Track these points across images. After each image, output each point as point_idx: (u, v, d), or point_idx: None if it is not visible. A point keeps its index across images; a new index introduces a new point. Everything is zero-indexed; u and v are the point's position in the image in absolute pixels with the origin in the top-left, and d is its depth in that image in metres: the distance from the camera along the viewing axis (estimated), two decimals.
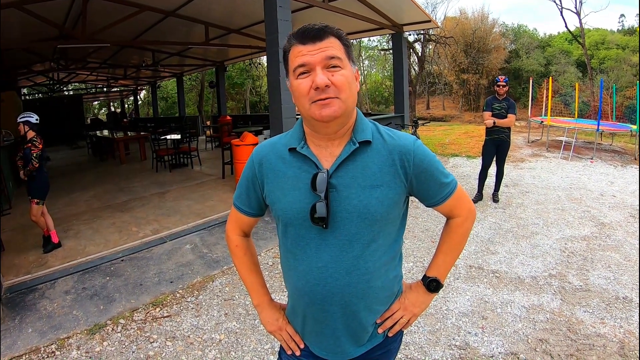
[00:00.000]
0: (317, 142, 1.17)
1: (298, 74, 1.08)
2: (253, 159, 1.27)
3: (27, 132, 4.74)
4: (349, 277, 1.14)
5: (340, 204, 1.12)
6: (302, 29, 1.09)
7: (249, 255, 1.43)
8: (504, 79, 6.08)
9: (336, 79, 1.05)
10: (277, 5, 5.83)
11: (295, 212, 1.15)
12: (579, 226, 5.18)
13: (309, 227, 1.14)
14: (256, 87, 31.27)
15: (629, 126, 11.32)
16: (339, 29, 1.11)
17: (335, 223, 1.12)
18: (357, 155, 1.14)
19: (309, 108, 1.07)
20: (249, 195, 1.31)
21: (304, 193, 1.14)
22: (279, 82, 6.01)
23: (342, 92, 1.06)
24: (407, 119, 10.10)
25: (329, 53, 1.05)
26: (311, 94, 1.05)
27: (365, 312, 1.20)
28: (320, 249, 1.15)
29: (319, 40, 1.06)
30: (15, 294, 3.92)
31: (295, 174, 1.17)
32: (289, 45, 1.12)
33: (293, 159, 1.19)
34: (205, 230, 5.42)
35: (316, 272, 1.16)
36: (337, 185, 1.12)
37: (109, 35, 9.02)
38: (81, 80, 20.56)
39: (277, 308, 1.40)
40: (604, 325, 3.08)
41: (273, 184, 1.21)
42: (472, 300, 3.49)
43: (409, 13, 8.96)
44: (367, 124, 1.19)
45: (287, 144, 1.21)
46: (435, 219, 5.47)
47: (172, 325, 3.28)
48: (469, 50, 26.29)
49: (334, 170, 1.13)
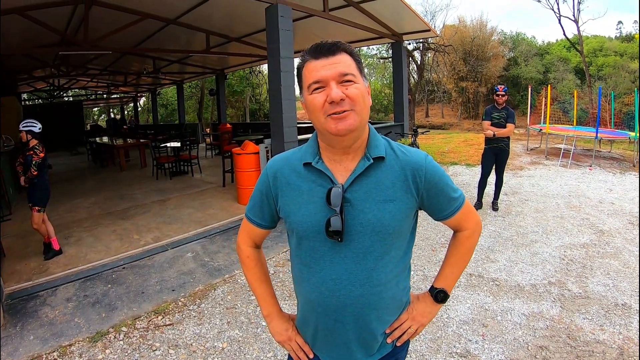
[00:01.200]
0: (332, 156, 1.19)
1: (313, 89, 1.10)
2: (267, 172, 1.29)
3: (30, 140, 4.77)
4: (362, 289, 1.16)
5: (354, 218, 1.14)
6: (315, 46, 1.12)
7: (260, 266, 1.44)
8: (503, 88, 6.11)
9: (350, 92, 1.07)
10: (278, 14, 5.89)
11: (310, 225, 1.17)
12: (578, 234, 5.21)
13: (324, 240, 1.16)
14: (256, 95, 31.37)
15: (627, 133, 11.38)
16: (349, 45, 1.14)
17: (350, 236, 1.15)
18: (371, 170, 1.17)
19: (325, 122, 1.09)
20: (262, 207, 1.33)
21: (319, 207, 1.16)
22: (280, 91, 6.04)
23: (357, 104, 1.08)
24: (406, 127, 10.14)
25: (342, 69, 1.08)
26: (326, 108, 1.08)
27: (377, 322, 1.22)
28: (335, 262, 1.17)
29: (331, 55, 1.09)
30: (17, 300, 3.93)
31: (310, 187, 1.19)
32: (302, 63, 1.15)
33: (308, 174, 1.21)
34: (207, 239, 5.43)
35: (330, 284, 1.18)
36: (352, 199, 1.15)
37: (110, 42, 9.08)
38: (81, 87, 20.60)
39: (286, 318, 1.42)
40: (603, 331, 3.10)
41: (287, 197, 1.23)
42: (473, 308, 3.51)
43: (408, 22, 9.02)
44: (380, 140, 1.22)
45: (302, 158, 1.23)
46: (435, 228, 5.49)
47: (175, 334, 3.29)
48: (468, 58, 26.43)
49: (348, 185, 1.15)
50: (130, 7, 7.77)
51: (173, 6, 7.95)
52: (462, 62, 26.73)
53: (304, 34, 9.42)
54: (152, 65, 13.61)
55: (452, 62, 26.87)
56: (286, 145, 6.12)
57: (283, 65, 5.99)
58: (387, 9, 8.11)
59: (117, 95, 25.79)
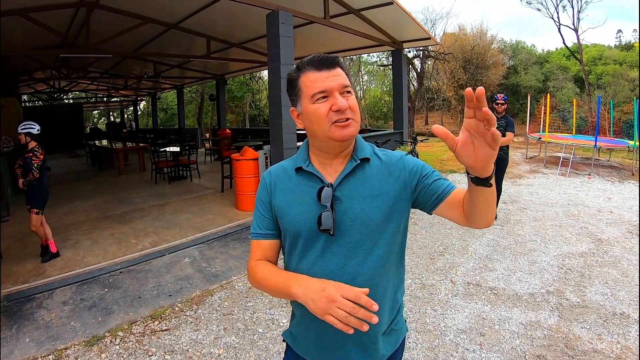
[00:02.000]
0: (322, 160, 1.28)
1: (317, 99, 1.16)
2: (265, 179, 1.36)
3: (29, 142, 4.77)
4: (354, 283, 1.16)
5: (344, 213, 1.20)
6: (316, 58, 1.19)
7: (272, 264, 1.33)
8: (502, 97, 6.12)
9: (351, 102, 1.17)
10: (279, 21, 5.92)
11: (303, 223, 1.22)
12: (577, 242, 5.21)
13: (316, 237, 1.21)
14: (255, 100, 31.40)
15: (626, 142, 11.42)
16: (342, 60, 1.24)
17: (339, 231, 1.20)
18: (358, 170, 1.25)
19: (329, 129, 1.16)
20: (265, 216, 1.33)
21: (311, 205, 1.22)
22: (280, 97, 6.06)
23: (356, 114, 1.18)
24: (406, 135, 10.15)
25: (342, 81, 1.17)
26: (330, 116, 1.15)
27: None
28: (325, 257, 1.21)
29: (332, 68, 1.18)
30: (13, 302, 3.92)
31: (302, 189, 1.26)
32: (299, 73, 1.20)
33: (300, 177, 1.29)
34: (204, 244, 5.42)
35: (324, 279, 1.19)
36: (341, 197, 1.21)
37: (111, 46, 9.12)
38: (82, 89, 20.67)
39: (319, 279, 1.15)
40: (601, 341, 3.09)
41: (281, 200, 1.28)
42: (470, 317, 3.50)
43: (409, 30, 9.06)
44: (366, 144, 1.32)
45: (294, 165, 1.31)
46: (433, 237, 5.48)
47: (171, 339, 3.28)
48: (468, 66, 26.45)
49: (337, 184, 1.22)
50: (131, 11, 7.81)
51: (174, 11, 7.99)
52: (462, 70, 26.73)
53: (305, 40, 9.47)
54: (152, 70, 13.67)
55: (452, 70, 26.89)
56: (285, 152, 6.13)
57: (283, 72, 6.01)
58: (387, 17, 8.15)
59: (117, 99, 25.81)
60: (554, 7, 23.88)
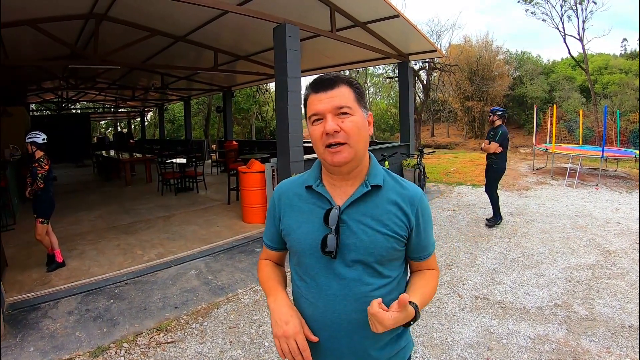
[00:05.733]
0: (332, 181, 1.27)
1: (313, 121, 1.18)
2: (274, 195, 1.39)
3: (35, 151, 4.82)
4: (356, 304, 1.20)
5: (349, 237, 1.20)
6: (317, 79, 1.20)
7: (272, 267, 1.46)
8: (491, 108, 6.52)
9: (345, 125, 1.14)
10: (286, 34, 5.96)
11: (308, 243, 1.24)
12: (585, 254, 5.16)
13: (320, 258, 1.22)
14: (262, 112, 31.53)
15: (633, 152, 11.34)
16: (350, 77, 1.22)
17: (343, 255, 1.20)
18: (368, 197, 1.23)
19: (323, 152, 1.18)
20: (272, 230, 1.41)
21: (317, 226, 1.23)
22: (287, 110, 6.08)
23: (351, 137, 1.15)
24: (412, 147, 10.14)
25: (337, 103, 1.15)
26: (323, 139, 1.16)
27: (370, 340, 1.24)
28: (330, 278, 1.23)
29: (330, 89, 1.16)
30: (18, 311, 3.93)
31: (310, 209, 1.27)
32: (307, 94, 1.23)
33: (309, 196, 1.29)
34: (210, 257, 5.42)
35: (325, 299, 1.23)
36: (347, 220, 1.21)
37: (119, 57, 9.22)
38: (89, 100, 20.86)
39: (294, 310, 1.27)
40: (610, 354, 3.04)
41: (289, 217, 1.31)
42: (478, 331, 3.46)
43: (415, 43, 9.09)
44: (380, 170, 1.29)
45: (305, 182, 1.32)
46: (440, 249, 5.45)
47: (176, 352, 3.26)
48: (474, 77, 26.45)
49: (345, 207, 1.22)
50: (139, 23, 7.92)
51: (182, 24, 8.09)
52: (467, 81, 26.74)
53: (312, 53, 9.53)
54: (160, 81, 13.79)
55: (458, 82, 26.93)
56: (292, 165, 6.14)
57: (290, 85, 6.05)
58: (393, 29, 8.19)
59: (124, 109, 26.03)
60: (559, 18, 23.78)
